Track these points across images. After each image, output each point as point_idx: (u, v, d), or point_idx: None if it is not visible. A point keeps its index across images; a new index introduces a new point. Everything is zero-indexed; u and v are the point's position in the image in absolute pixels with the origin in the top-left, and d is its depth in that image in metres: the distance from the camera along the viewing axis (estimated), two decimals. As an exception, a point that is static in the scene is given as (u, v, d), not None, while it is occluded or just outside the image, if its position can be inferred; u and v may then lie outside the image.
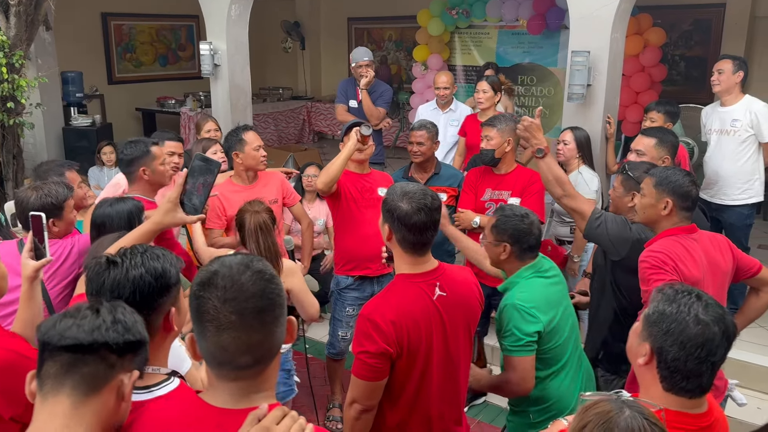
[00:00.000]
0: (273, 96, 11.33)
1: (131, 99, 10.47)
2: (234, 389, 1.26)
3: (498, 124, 3.68)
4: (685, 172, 2.61)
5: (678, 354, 1.50)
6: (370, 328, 2.02)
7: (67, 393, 1.19)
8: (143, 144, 3.20)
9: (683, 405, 1.54)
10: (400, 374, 2.09)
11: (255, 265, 1.27)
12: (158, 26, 10.96)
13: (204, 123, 4.85)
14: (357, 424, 2.12)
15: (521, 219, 2.47)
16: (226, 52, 6.26)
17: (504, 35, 8.13)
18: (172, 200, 1.81)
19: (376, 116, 5.45)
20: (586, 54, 4.62)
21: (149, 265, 1.54)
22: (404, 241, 2.11)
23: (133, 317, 1.28)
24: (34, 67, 6.49)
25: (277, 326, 1.27)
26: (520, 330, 2.32)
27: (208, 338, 1.23)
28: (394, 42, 11.15)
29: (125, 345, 1.23)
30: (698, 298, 1.56)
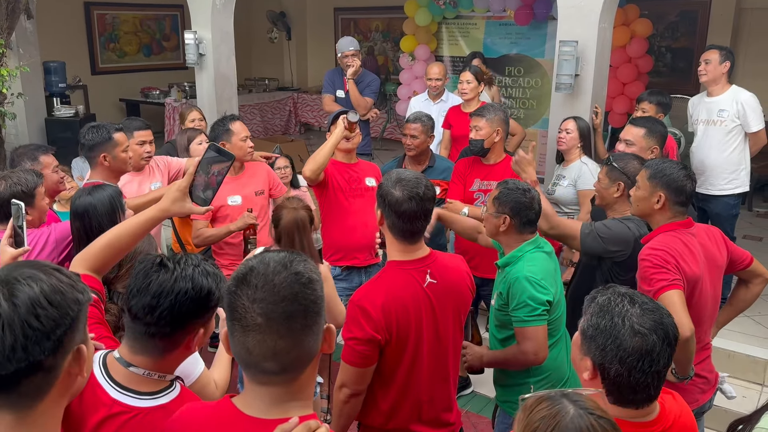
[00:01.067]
0: (259, 87, 11.24)
1: (115, 89, 10.34)
2: (265, 395, 1.19)
3: (487, 114, 3.66)
4: (681, 165, 2.60)
5: (620, 370, 1.46)
6: (359, 314, 2.04)
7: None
8: (105, 130, 3.13)
9: (632, 415, 1.51)
10: (390, 360, 2.11)
11: (295, 266, 1.18)
12: (142, 16, 10.82)
13: (188, 113, 4.79)
14: (345, 407, 2.15)
15: (523, 193, 2.51)
16: (211, 41, 6.19)
17: (491, 26, 8.11)
18: (181, 189, 1.74)
19: (364, 106, 5.42)
20: (574, 44, 4.61)
21: (198, 281, 1.47)
22: (394, 227, 2.13)
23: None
24: (16, 57, 6.38)
25: (308, 334, 1.17)
26: (535, 300, 2.36)
27: (235, 337, 1.17)
28: (381, 33, 11.09)
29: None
30: (632, 303, 1.50)
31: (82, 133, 3.16)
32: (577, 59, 4.61)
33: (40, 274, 1.05)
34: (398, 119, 9.89)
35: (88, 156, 3.15)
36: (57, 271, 1.08)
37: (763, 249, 5.98)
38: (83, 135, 3.14)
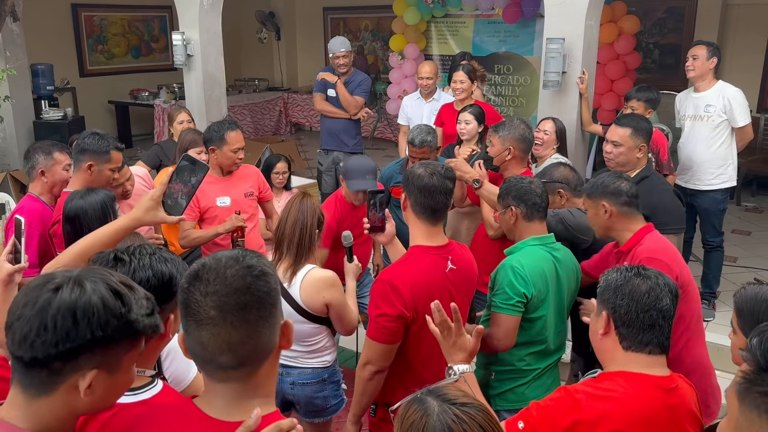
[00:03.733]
0: (249, 87, 11.22)
1: (104, 92, 10.30)
2: (225, 392, 1.19)
3: (501, 131, 3.40)
4: (611, 172, 2.75)
5: (630, 305, 1.69)
6: (390, 291, 2.15)
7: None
8: (106, 142, 3.01)
9: (645, 364, 1.68)
10: (414, 339, 2.22)
11: (247, 260, 1.19)
12: (130, 17, 10.78)
13: (177, 114, 4.76)
14: (369, 384, 2.25)
15: (520, 179, 2.61)
16: (199, 42, 6.18)
17: (480, 24, 8.14)
18: (154, 198, 1.75)
19: (354, 105, 5.42)
20: (561, 41, 4.63)
21: (157, 268, 1.49)
22: (417, 204, 2.25)
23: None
24: (3, 60, 6.35)
25: (264, 326, 1.18)
26: (513, 289, 2.41)
27: (190, 333, 1.17)
28: (370, 32, 11.10)
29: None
30: (632, 268, 1.78)
31: (83, 134, 3.09)
32: (564, 56, 4.63)
33: (92, 287, 1.11)
34: (388, 118, 9.90)
35: (76, 157, 3.06)
36: (115, 294, 1.12)
37: (752, 243, 6.03)
38: (83, 137, 3.06)
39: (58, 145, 3.27)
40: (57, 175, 3.13)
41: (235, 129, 3.52)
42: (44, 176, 3.14)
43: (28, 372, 1.10)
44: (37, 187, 3.16)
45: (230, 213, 3.45)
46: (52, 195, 3.16)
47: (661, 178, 3.74)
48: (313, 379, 2.74)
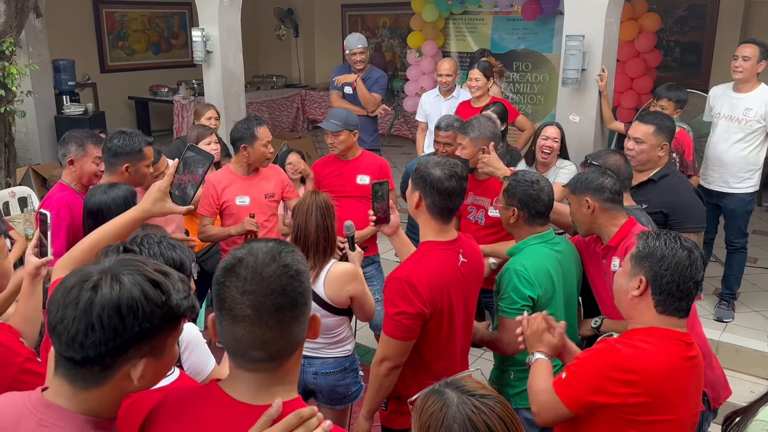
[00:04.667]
0: (267, 84, 11.27)
1: (124, 87, 10.39)
2: (251, 380, 1.22)
3: (471, 132, 3.40)
4: (593, 168, 2.75)
5: (672, 277, 1.80)
6: (408, 289, 2.17)
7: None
8: (137, 141, 3.01)
9: (673, 324, 1.83)
10: (430, 334, 2.25)
11: (283, 257, 1.20)
12: (150, 14, 10.87)
13: (204, 111, 4.81)
14: (386, 380, 2.28)
15: (531, 185, 2.55)
16: (219, 38, 6.22)
17: (499, 21, 8.10)
18: (161, 189, 1.77)
19: (372, 103, 5.42)
20: (581, 38, 4.59)
21: (167, 255, 1.54)
22: (434, 206, 2.26)
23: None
24: (26, 55, 6.43)
25: (296, 325, 1.21)
26: (517, 292, 2.41)
27: (224, 326, 1.20)
28: (388, 29, 11.09)
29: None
30: (675, 236, 1.87)
31: (110, 136, 3.07)
32: (583, 54, 4.59)
33: (131, 280, 1.11)
34: (405, 115, 9.89)
35: (110, 161, 3.03)
36: (153, 284, 1.13)
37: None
38: (110, 138, 3.04)
39: (94, 137, 3.26)
40: (86, 167, 3.15)
41: (263, 124, 3.55)
42: (73, 166, 3.15)
43: (78, 369, 1.12)
44: (68, 175, 3.18)
45: (248, 212, 3.47)
46: (81, 185, 3.18)
47: (681, 176, 3.70)
48: (336, 368, 2.79)
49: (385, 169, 3.81)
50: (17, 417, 1.16)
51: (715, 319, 4.50)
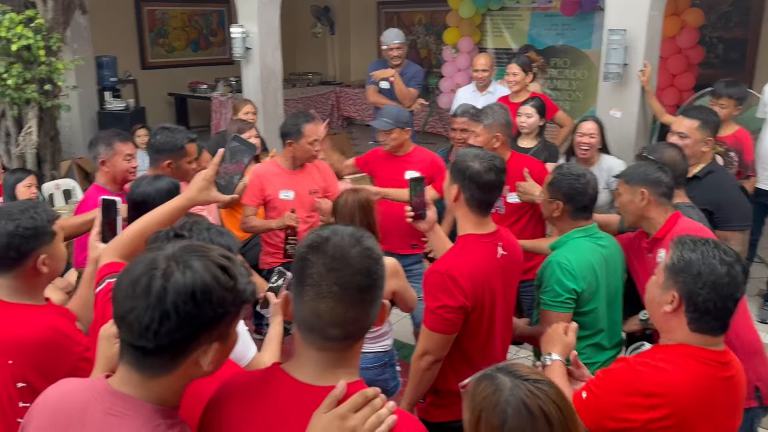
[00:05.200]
0: (302, 81, 11.35)
1: (164, 84, 10.57)
2: (319, 360, 1.24)
3: (484, 120, 3.45)
4: (650, 162, 2.70)
5: (709, 295, 1.64)
6: (449, 283, 2.16)
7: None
8: (179, 137, 3.04)
9: (706, 342, 1.69)
10: (471, 327, 2.24)
11: (365, 241, 1.24)
12: (190, 11, 11.04)
13: (242, 106, 4.89)
14: (427, 374, 2.26)
15: (576, 178, 2.52)
16: (258, 35, 6.28)
17: (537, 17, 8.02)
18: (207, 178, 1.79)
19: (409, 98, 5.43)
20: (623, 32, 4.53)
21: (216, 241, 1.56)
22: (473, 199, 2.26)
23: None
24: (70, 52, 6.58)
25: (373, 307, 1.25)
26: (561, 285, 2.39)
27: (305, 302, 1.21)
28: (423, 26, 11.07)
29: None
30: (715, 246, 1.70)
31: (154, 131, 3.12)
32: (626, 48, 4.53)
33: (201, 265, 1.12)
34: (440, 112, 9.86)
35: (153, 157, 3.09)
36: (222, 268, 1.14)
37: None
38: (154, 134, 3.10)
39: (121, 135, 3.27)
40: (118, 166, 3.14)
41: (311, 121, 3.52)
42: (105, 166, 3.14)
43: (148, 358, 1.13)
44: (101, 176, 3.18)
45: (291, 207, 3.48)
46: (116, 185, 3.18)
47: (727, 173, 3.62)
48: (375, 363, 2.80)
49: (437, 165, 3.78)
50: (83, 404, 1.17)
51: (758, 320, 4.39)
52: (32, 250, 1.86)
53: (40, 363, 1.79)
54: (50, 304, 1.98)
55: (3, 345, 1.81)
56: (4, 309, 1.87)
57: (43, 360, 1.79)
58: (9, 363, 1.79)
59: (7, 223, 1.83)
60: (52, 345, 1.80)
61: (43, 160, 5.79)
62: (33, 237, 1.85)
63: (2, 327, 1.83)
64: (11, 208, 1.88)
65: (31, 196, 4.08)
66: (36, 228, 1.86)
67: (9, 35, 5.05)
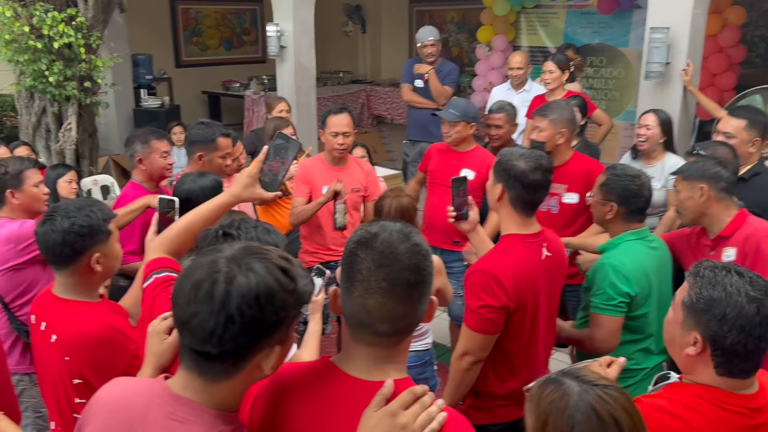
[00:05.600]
0: (333, 80, 11.38)
1: (197, 82, 10.68)
2: (368, 355, 1.24)
3: (550, 114, 3.35)
4: (706, 157, 2.63)
5: (737, 338, 1.43)
6: (492, 282, 2.11)
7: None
8: (212, 131, 3.12)
9: (735, 386, 1.50)
10: (514, 328, 2.19)
11: (414, 237, 1.24)
12: (223, 10, 11.14)
13: (276, 104, 4.92)
14: (467, 375, 2.22)
15: (632, 180, 2.44)
16: (293, 33, 6.30)
17: (573, 15, 7.92)
18: (252, 175, 1.79)
19: (444, 96, 5.39)
20: (666, 31, 4.44)
21: (264, 239, 1.57)
22: (518, 199, 2.20)
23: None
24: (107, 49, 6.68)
25: (422, 303, 1.24)
26: (614, 288, 2.33)
27: (354, 297, 1.21)
28: (456, 24, 11.00)
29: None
30: (740, 275, 1.48)
31: (191, 125, 3.24)
32: (668, 47, 4.44)
33: (263, 268, 1.10)
34: (473, 111, 9.79)
35: (188, 150, 3.21)
36: (283, 271, 1.12)
37: None
38: (191, 127, 3.22)
39: (156, 132, 3.31)
40: (155, 163, 3.17)
41: (336, 114, 3.52)
42: (142, 164, 3.18)
43: (211, 363, 1.11)
44: (138, 174, 3.22)
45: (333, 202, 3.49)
46: (152, 182, 3.22)
47: (775, 175, 3.52)
48: (417, 361, 2.79)
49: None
50: (145, 407, 1.16)
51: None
52: (87, 249, 1.88)
53: (97, 360, 1.81)
54: (105, 300, 2.01)
55: (60, 341, 1.84)
56: (60, 306, 1.91)
57: (100, 357, 1.81)
58: (66, 359, 1.82)
59: (63, 221, 1.85)
60: (108, 342, 1.82)
61: (82, 156, 5.89)
62: (88, 235, 1.87)
63: (59, 323, 1.86)
64: (68, 206, 1.91)
65: (72, 192, 4.14)
66: (91, 226, 1.88)
67: (51, 33, 5.14)
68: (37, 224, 1.91)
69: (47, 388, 1.93)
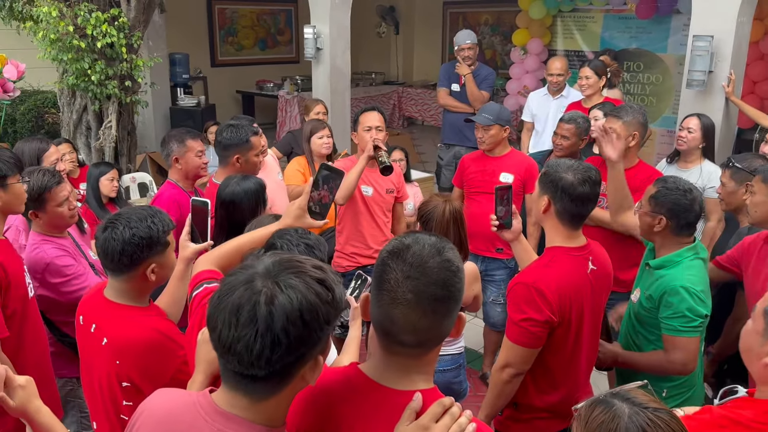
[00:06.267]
0: (365, 81, 11.41)
1: (232, 81, 10.80)
2: (395, 364, 1.25)
3: (624, 116, 3.27)
4: None
5: None
6: (536, 296, 2.09)
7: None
8: (244, 131, 3.15)
9: None
10: (557, 342, 2.16)
11: (446, 253, 1.24)
12: (259, 11, 11.24)
13: (314, 106, 4.97)
14: (507, 387, 2.19)
15: (684, 194, 2.37)
16: (329, 35, 6.33)
17: (610, 19, 7.83)
18: (301, 207, 1.86)
19: (480, 100, 5.37)
20: (709, 39, 4.36)
21: (305, 240, 1.59)
22: (564, 212, 2.17)
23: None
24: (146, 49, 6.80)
25: (448, 318, 1.24)
26: (693, 311, 2.27)
27: (381, 306, 1.23)
28: (490, 26, 10.95)
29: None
30: None
31: (219, 129, 3.25)
32: (711, 55, 4.36)
33: (302, 284, 1.08)
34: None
35: (222, 154, 3.21)
36: (320, 283, 1.10)
37: None
38: (220, 132, 3.22)
39: (192, 132, 3.35)
40: (191, 162, 3.20)
41: (369, 111, 3.54)
42: (178, 163, 3.21)
43: (258, 383, 1.10)
44: (174, 173, 3.25)
45: (369, 201, 3.52)
46: (188, 181, 3.25)
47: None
48: (452, 365, 2.80)
49: (532, 170, 3.69)
50: (191, 422, 1.16)
51: None
52: (144, 259, 1.91)
53: (146, 365, 1.84)
54: (153, 306, 2.04)
55: (110, 345, 1.87)
56: (111, 309, 1.93)
57: (149, 362, 1.84)
58: (116, 363, 1.85)
59: (124, 230, 1.87)
60: (158, 348, 1.85)
61: (121, 153, 6.00)
62: (147, 247, 1.89)
63: (110, 327, 1.89)
64: (131, 215, 1.92)
65: (113, 189, 4.22)
66: (151, 238, 1.90)
67: (94, 33, 5.25)
68: (98, 229, 1.93)
69: (94, 389, 1.95)
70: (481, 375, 4.11)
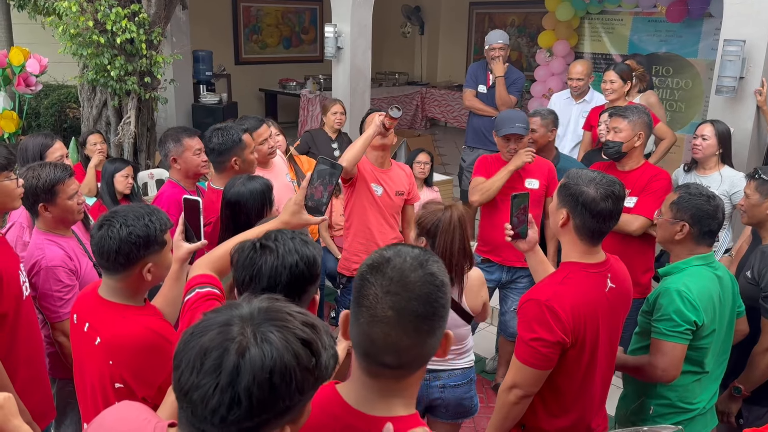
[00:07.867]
0: (388, 81, 11.34)
1: (255, 79, 10.81)
2: (374, 387, 1.18)
3: (630, 116, 3.29)
4: None
5: None
6: (548, 315, 1.96)
7: None
8: (234, 132, 3.04)
9: None
10: (569, 363, 2.04)
11: (429, 266, 1.16)
12: (284, 9, 11.24)
13: (331, 105, 4.95)
14: (515, 409, 2.07)
15: (707, 200, 2.27)
16: (350, 35, 6.27)
17: (639, 22, 7.64)
18: (298, 203, 1.80)
19: (508, 104, 5.23)
20: (741, 44, 4.20)
21: (303, 251, 1.53)
22: (583, 227, 2.03)
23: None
24: (169, 45, 6.80)
25: (432, 336, 1.15)
26: (681, 315, 2.18)
27: (359, 324, 1.15)
28: (516, 27, 10.80)
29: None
30: None
31: (208, 137, 3.07)
32: (743, 60, 4.19)
33: (281, 340, 0.94)
34: (529, 118, 9.60)
35: (218, 160, 3.07)
36: (305, 344, 0.96)
37: None
38: (209, 139, 3.06)
39: (189, 130, 3.29)
40: (189, 161, 3.15)
41: (378, 112, 3.48)
42: (177, 163, 3.16)
43: None
44: (175, 173, 3.21)
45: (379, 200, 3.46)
46: (189, 180, 3.20)
47: None
48: (463, 380, 2.69)
49: (553, 173, 3.63)
50: None
51: None
52: (141, 258, 1.86)
53: (140, 366, 1.79)
54: (149, 305, 1.99)
55: (104, 344, 1.82)
56: (105, 308, 1.89)
57: (143, 363, 1.79)
58: (109, 363, 1.80)
59: (121, 228, 1.82)
60: (152, 347, 1.80)
61: (140, 149, 6.01)
62: (144, 246, 1.85)
63: (104, 326, 1.84)
64: (128, 213, 1.87)
65: (128, 186, 4.20)
66: (148, 236, 1.85)
67: (114, 28, 5.25)
68: (94, 227, 1.89)
69: (86, 390, 1.91)
70: (494, 386, 4.00)
